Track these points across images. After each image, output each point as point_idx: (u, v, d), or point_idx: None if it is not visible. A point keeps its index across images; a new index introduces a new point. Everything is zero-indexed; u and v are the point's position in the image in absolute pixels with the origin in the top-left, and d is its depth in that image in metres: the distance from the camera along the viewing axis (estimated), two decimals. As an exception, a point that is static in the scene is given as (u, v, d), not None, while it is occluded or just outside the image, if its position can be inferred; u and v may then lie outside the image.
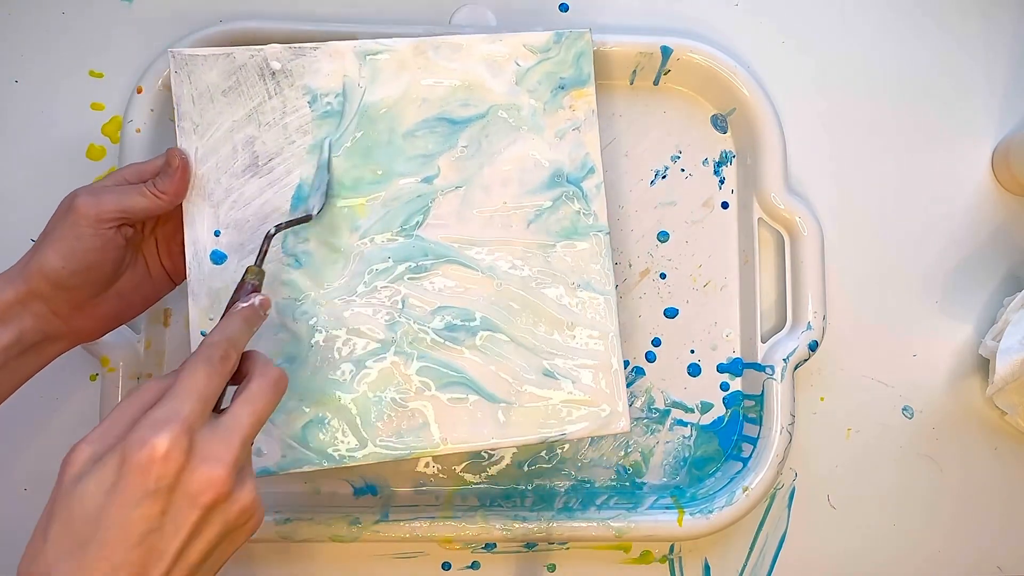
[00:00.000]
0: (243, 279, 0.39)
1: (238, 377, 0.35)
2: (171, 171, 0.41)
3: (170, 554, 0.30)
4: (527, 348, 0.44)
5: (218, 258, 0.43)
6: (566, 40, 0.46)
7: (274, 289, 0.43)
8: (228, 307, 0.38)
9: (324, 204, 0.43)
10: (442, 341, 0.44)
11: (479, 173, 0.45)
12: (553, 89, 0.46)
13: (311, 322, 0.43)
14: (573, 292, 0.45)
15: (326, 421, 0.43)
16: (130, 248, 0.42)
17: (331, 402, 0.43)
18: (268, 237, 0.40)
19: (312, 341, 0.43)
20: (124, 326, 0.50)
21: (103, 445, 0.31)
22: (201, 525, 0.31)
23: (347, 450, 0.43)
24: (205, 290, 0.43)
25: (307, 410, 0.43)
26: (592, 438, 0.53)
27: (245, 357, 0.36)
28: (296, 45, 0.44)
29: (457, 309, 0.44)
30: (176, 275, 0.45)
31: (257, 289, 0.39)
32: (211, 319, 0.43)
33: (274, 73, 0.44)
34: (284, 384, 0.35)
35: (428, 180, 0.45)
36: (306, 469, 0.42)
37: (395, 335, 0.44)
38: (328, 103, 0.44)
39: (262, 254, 0.40)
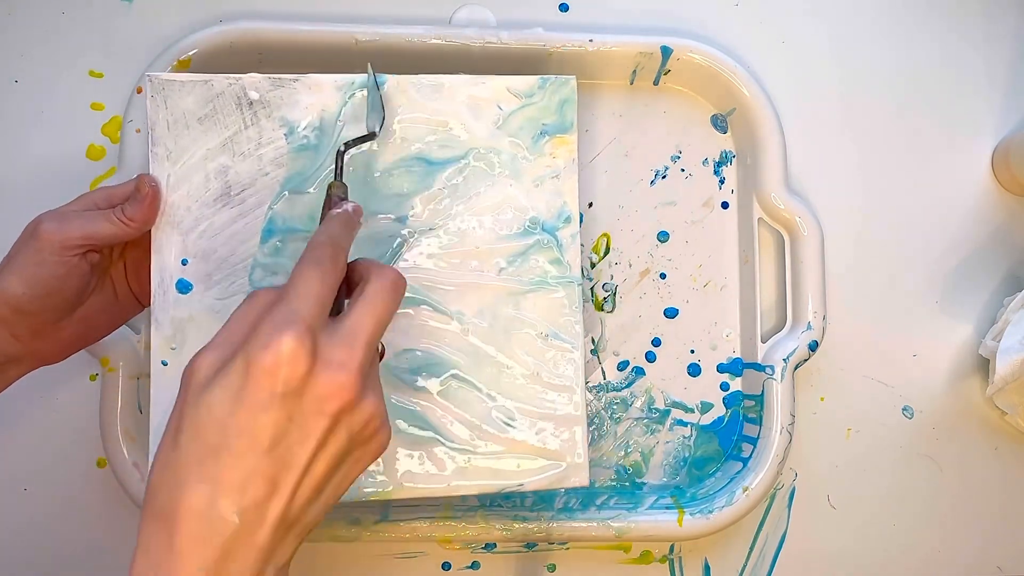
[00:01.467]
0: (328, 196, 0.38)
1: (349, 288, 0.34)
2: (140, 198, 0.40)
3: (299, 464, 0.29)
4: (490, 397, 0.44)
5: (184, 287, 0.42)
6: (551, 86, 0.46)
7: None
8: (322, 218, 0.37)
9: (383, 121, 0.43)
10: (404, 384, 0.43)
11: (453, 216, 0.44)
12: (535, 135, 0.45)
13: None
14: (541, 341, 0.44)
15: None
16: (96, 273, 0.41)
17: None
18: (340, 154, 0.39)
19: None
20: (125, 326, 0.50)
21: (226, 351, 0.30)
22: (328, 435, 0.30)
23: None
24: (168, 318, 0.42)
25: None
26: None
27: (353, 267, 0.35)
28: (276, 76, 0.43)
29: (422, 353, 0.43)
30: (144, 298, 0.44)
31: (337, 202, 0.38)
32: (172, 348, 0.42)
33: (251, 103, 0.43)
34: (403, 285, 0.33)
35: (402, 220, 0.44)
36: None
37: None
38: (305, 136, 0.43)
39: (339, 170, 0.39)
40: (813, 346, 0.51)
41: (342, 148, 0.40)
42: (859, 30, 0.57)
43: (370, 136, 0.42)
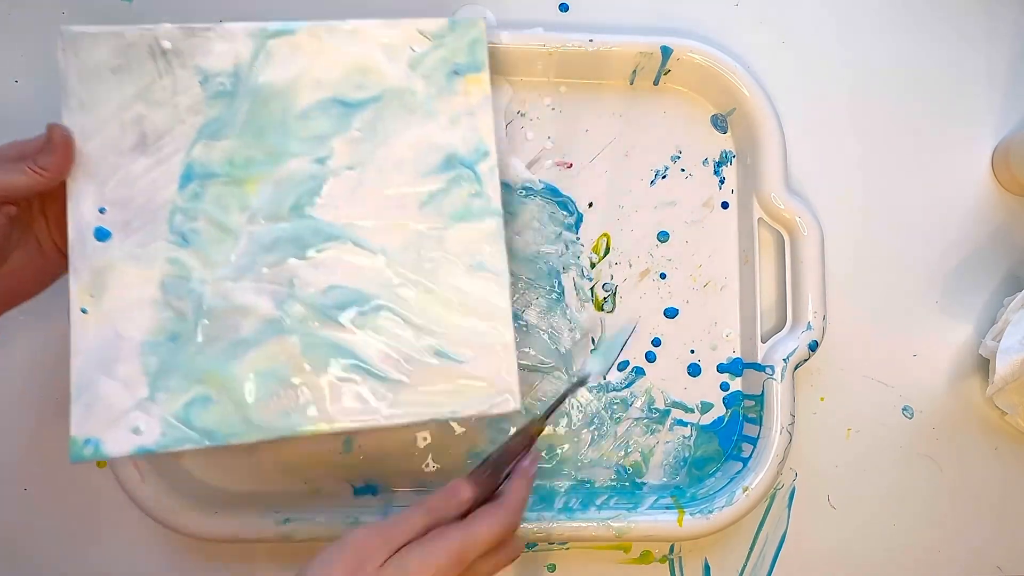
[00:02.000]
0: (529, 430, 0.43)
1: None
2: (52, 147, 0.40)
3: None
4: (418, 328, 0.44)
5: (102, 235, 0.42)
6: (460, 28, 0.46)
7: (158, 267, 0.42)
8: (510, 450, 0.42)
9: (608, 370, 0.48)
10: (331, 320, 0.43)
11: (373, 156, 0.45)
12: (447, 74, 0.46)
13: (197, 301, 0.42)
14: (467, 273, 0.45)
15: (210, 400, 0.42)
16: (17, 228, 0.41)
17: (215, 381, 0.42)
18: (565, 393, 0.44)
19: (197, 320, 0.42)
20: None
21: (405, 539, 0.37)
22: None
23: (231, 430, 0.42)
24: (87, 267, 0.42)
25: (190, 389, 0.42)
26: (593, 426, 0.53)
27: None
28: (188, 26, 0.44)
29: (348, 289, 0.44)
30: None
31: (533, 441, 0.43)
32: (91, 296, 0.42)
33: (165, 52, 0.43)
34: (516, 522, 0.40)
35: (321, 161, 0.44)
36: (187, 448, 0.41)
37: (283, 314, 0.43)
38: (220, 83, 0.44)
39: (552, 410, 0.43)
40: (813, 346, 0.51)
41: (570, 389, 0.44)
42: (859, 30, 0.57)
43: (582, 381, 0.46)
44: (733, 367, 0.54)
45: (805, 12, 0.57)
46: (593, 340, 0.54)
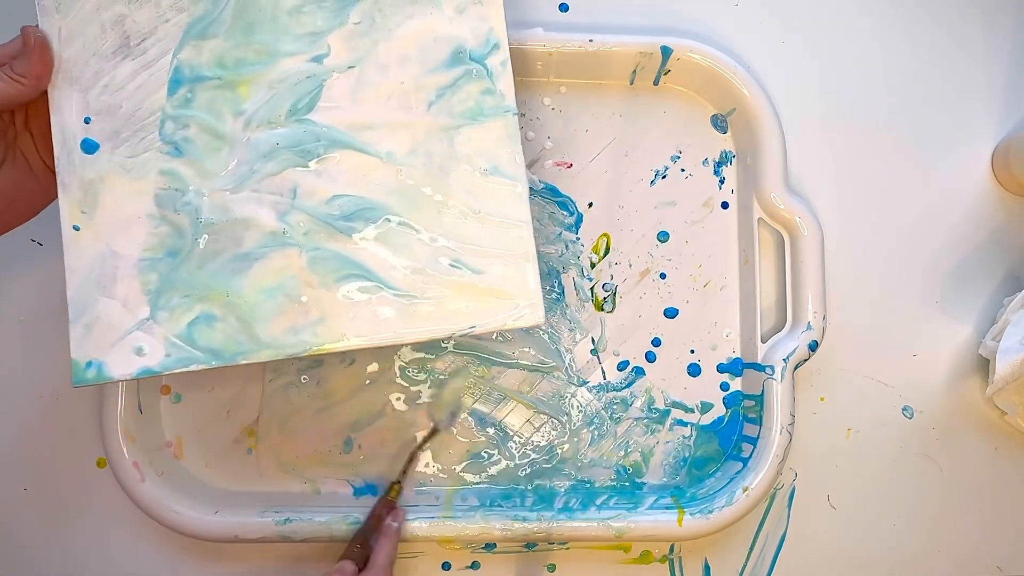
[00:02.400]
0: (387, 494, 0.48)
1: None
2: (28, 51, 0.38)
3: None
4: (432, 238, 0.41)
5: (89, 147, 0.40)
6: None
7: (151, 179, 0.40)
8: (374, 517, 0.47)
9: (454, 417, 0.49)
10: (338, 231, 0.41)
11: (374, 51, 0.41)
12: None
13: (194, 214, 0.40)
14: (482, 178, 0.42)
15: (214, 318, 0.40)
16: (1, 142, 0.40)
17: (218, 298, 0.40)
18: (412, 457, 0.47)
19: (196, 234, 0.40)
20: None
21: None
22: None
23: (238, 349, 0.40)
24: (76, 181, 0.40)
25: (193, 306, 0.40)
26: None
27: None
28: None
29: (354, 197, 0.41)
30: None
31: (394, 505, 0.48)
32: (83, 212, 0.40)
33: None
34: None
35: (318, 60, 0.41)
36: (193, 368, 0.40)
37: (286, 226, 0.41)
38: None
39: (406, 472, 0.47)
40: (813, 346, 0.51)
41: (416, 453, 0.47)
42: (859, 30, 0.57)
43: (434, 432, 0.49)
44: (733, 367, 0.54)
45: (805, 12, 0.57)
46: (593, 340, 0.54)
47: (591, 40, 0.52)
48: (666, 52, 0.52)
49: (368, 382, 0.52)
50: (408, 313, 0.41)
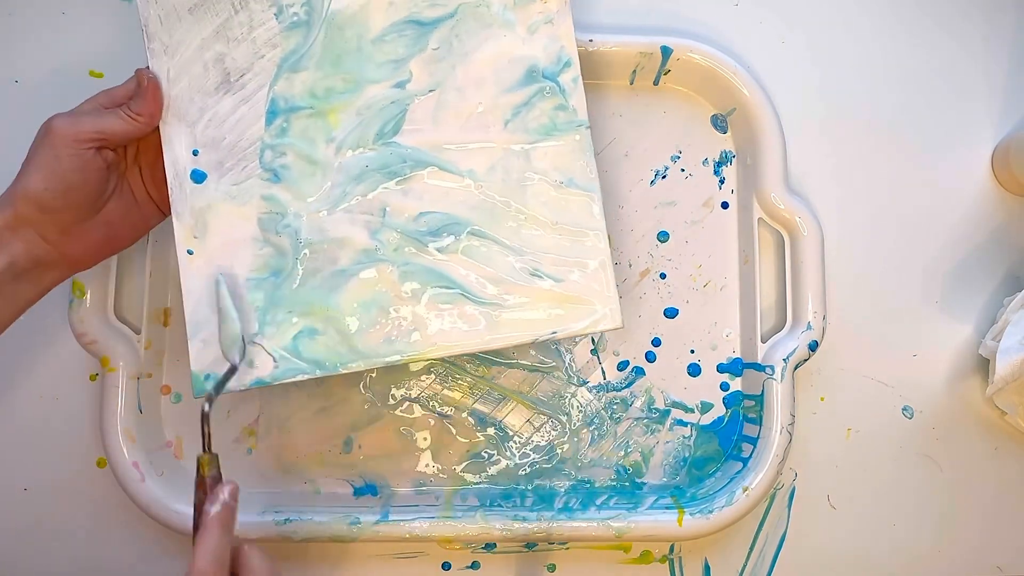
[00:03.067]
0: (199, 472, 0.38)
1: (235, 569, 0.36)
2: (143, 91, 0.42)
3: None
4: (512, 250, 0.44)
5: (198, 177, 0.44)
6: None
7: (254, 204, 0.44)
8: (196, 508, 0.37)
9: (243, 352, 0.42)
10: (425, 247, 0.44)
11: (452, 75, 0.45)
12: None
13: (294, 235, 0.44)
14: (557, 190, 0.44)
15: (315, 331, 0.43)
16: (113, 174, 0.43)
17: (319, 312, 0.43)
18: (205, 415, 0.39)
19: (296, 254, 0.44)
20: (124, 326, 0.50)
21: None
22: None
23: (339, 359, 0.43)
24: (188, 209, 0.43)
25: (296, 321, 0.43)
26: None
27: (242, 566, 0.37)
28: None
29: (439, 214, 0.44)
30: (163, 204, 0.45)
31: (218, 479, 0.38)
32: (195, 237, 0.43)
33: None
34: None
35: (400, 85, 0.44)
36: (300, 378, 0.43)
37: (378, 243, 0.44)
38: (295, 14, 0.44)
39: (207, 437, 0.39)
40: (813, 346, 0.51)
41: (206, 407, 0.40)
42: (859, 29, 0.57)
43: (232, 371, 0.42)
44: (733, 367, 0.54)
45: (805, 12, 0.57)
46: (593, 340, 0.54)
47: (591, 40, 0.52)
48: (666, 52, 0.52)
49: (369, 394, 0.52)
50: (493, 321, 0.44)
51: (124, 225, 0.44)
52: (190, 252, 0.43)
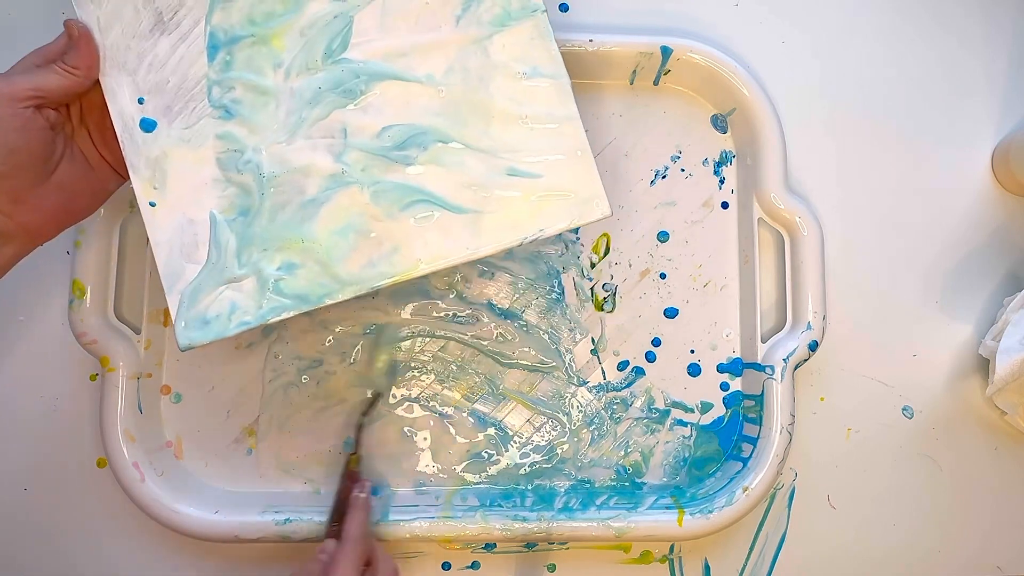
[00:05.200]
0: (347, 469, 0.47)
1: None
2: (75, 43, 0.40)
3: None
4: (485, 151, 0.42)
5: (148, 125, 0.42)
6: None
7: (210, 145, 0.42)
8: (342, 493, 0.47)
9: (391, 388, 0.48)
10: (393, 162, 0.42)
11: None
12: None
13: (256, 170, 0.42)
14: (522, 82, 0.42)
15: (295, 265, 0.42)
16: (60, 136, 0.41)
17: (295, 246, 0.42)
18: (360, 427, 0.47)
19: (261, 189, 0.42)
20: (124, 326, 0.50)
21: None
22: None
23: (323, 291, 0.41)
24: (143, 161, 0.42)
25: (273, 258, 0.42)
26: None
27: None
28: None
29: (402, 126, 0.42)
30: (119, 165, 0.44)
31: (357, 476, 0.48)
32: (155, 188, 0.42)
33: None
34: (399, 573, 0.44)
35: None
36: (286, 316, 0.41)
37: (344, 166, 0.42)
38: None
39: (357, 443, 0.47)
40: (813, 346, 0.51)
41: (362, 421, 0.46)
42: (859, 30, 0.57)
43: (376, 397, 0.50)
44: (733, 367, 0.54)
45: (805, 12, 0.57)
46: (593, 340, 0.54)
47: (591, 40, 0.52)
48: (666, 52, 0.52)
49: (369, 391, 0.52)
50: (476, 228, 0.42)
51: (81, 191, 0.42)
52: (152, 204, 0.42)
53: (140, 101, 0.42)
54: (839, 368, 0.54)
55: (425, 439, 0.52)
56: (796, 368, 0.51)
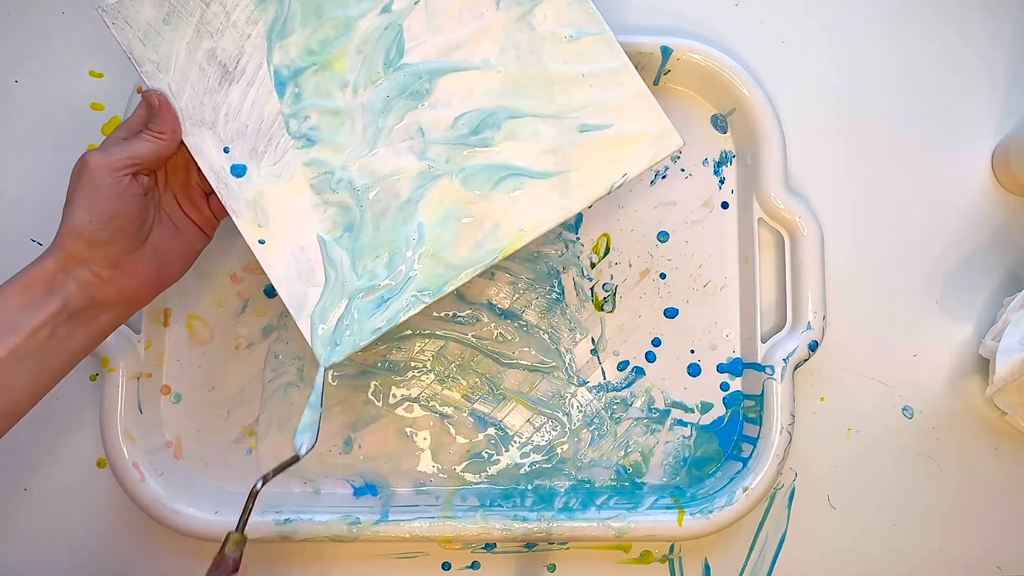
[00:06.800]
0: (222, 549, 0.37)
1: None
2: (156, 111, 0.42)
3: None
4: (554, 116, 0.45)
5: (239, 170, 0.44)
6: None
7: (300, 174, 0.44)
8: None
9: (315, 443, 0.41)
10: (473, 147, 0.44)
11: None
12: None
13: (350, 186, 0.44)
14: (571, 44, 0.45)
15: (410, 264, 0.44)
16: (151, 200, 0.43)
17: (403, 246, 0.44)
18: (254, 494, 0.38)
19: (360, 203, 0.44)
20: (124, 326, 0.50)
21: None
22: None
23: (441, 280, 0.44)
24: (243, 204, 0.44)
25: (387, 263, 0.44)
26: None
27: None
28: None
29: (472, 112, 0.45)
30: (205, 224, 0.46)
31: (237, 565, 0.37)
32: (260, 226, 0.44)
33: None
34: None
35: (387, 9, 0.45)
36: (412, 313, 0.43)
37: (429, 161, 0.44)
38: None
39: (246, 515, 0.38)
40: (813, 346, 0.51)
41: (258, 485, 0.39)
42: (859, 30, 0.57)
43: (292, 460, 0.40)
44: (733, 367, 0.54)
45: (805, 12, 0.57)
46: (593, 340, 0.54)
47: (591, 40, 0.52)
48: (666, 52, 0.52)
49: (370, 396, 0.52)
50: (564, 188, 0.44)
51: (171, 254, 0.44)
52: (262, 242, 0.44)
53: (226, 150, 0.44)
54: (839, 368, 0.54)
55: (425, 439, 0.52)
56: (796, 368, 0.51)
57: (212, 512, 0.48)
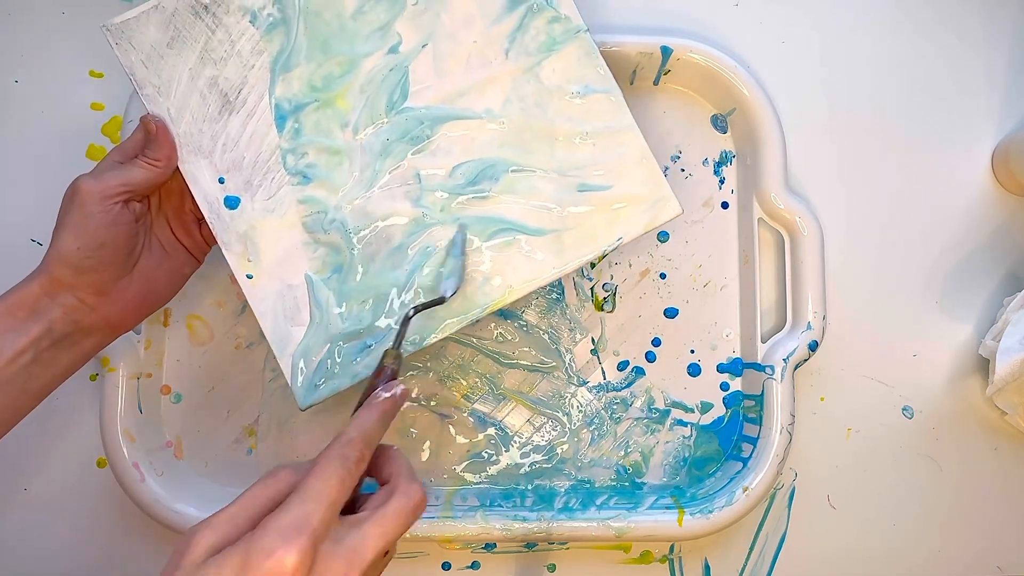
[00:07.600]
0: (381, 363, 0.38)
1: (373, 470, 0.35)
2: (153, 137, 0.42)
3: None
4: (553, 172, 0.44)
5: (232, 202, 0.43)
6: None
7: (294, 211, 0.44)
8: (366, 393, 0.37)
9: (459, 285, 0.43)
10: (469, 197, 0.44)
11: (439, 23, 0.44)
12: None
13: (342, 228, 0.44)
14: (577, 101, 0.44)
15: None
16: (142, 227, 0.42)
17: (391, 293, 0.44)
18: (407, 319, 0.40)
19: (350, 245, 0.43)
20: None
21: (226, 535, 0.31)
22: None
23: (426, 330, 0.43)
24: (234, 237, 0.43)
25: (372, 308, 0.43)
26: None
27: (387, 458, 0.35)
28: None
29: (472, 163, 0.44)
30: (196, 249, 0.45)
31: (395, 375, 0.38)
32: (249, 260, 0.43)
33: (206, 7, 0.43)
34: (423, 508, 0.33)
35: (394, 50, 0.44)
36: (408, 352, 0.43)
37: (424, 209, 0.44)
38: (269, 15, 0.43)
39: (400, 337, 0.39)
40: (813, 346, 0.51)
41: (411, 313, 0.40)
42: (859, 30, 0.57)
43: (439, 300, 0.42)
44: (733, 367, 0.54)
45: (805, 12, 0.57)
46: (593, 340, 0.54)
47: (591, 40, 0.52)
48: (666, 52, 0.52)
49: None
50: (558, 247, 0.44)
51: (158, 278, 0.44)
52: (249, 276, 0.43)
53: (221, 181, 0.43)
54: (839, 368, 0.54)
55: (425, 439, 0.52)
56: (796, 368, 0.51)
57: (212, 512, 0.48)
